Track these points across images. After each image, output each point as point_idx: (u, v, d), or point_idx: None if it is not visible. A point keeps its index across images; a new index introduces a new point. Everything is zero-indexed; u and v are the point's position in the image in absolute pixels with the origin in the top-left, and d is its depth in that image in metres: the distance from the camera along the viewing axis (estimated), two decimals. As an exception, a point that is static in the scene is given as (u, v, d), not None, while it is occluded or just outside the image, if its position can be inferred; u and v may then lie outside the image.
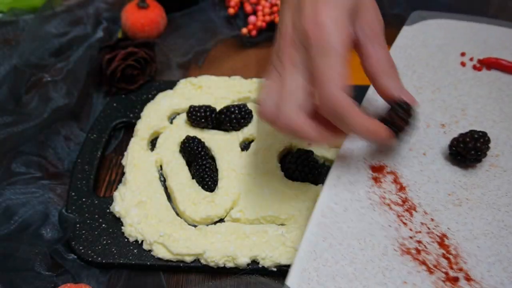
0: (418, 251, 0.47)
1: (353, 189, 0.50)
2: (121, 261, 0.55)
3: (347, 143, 0.53)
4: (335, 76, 0.44)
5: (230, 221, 0.58)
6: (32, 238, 0.57)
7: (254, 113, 0.69)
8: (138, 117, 0.69)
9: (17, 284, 0.52)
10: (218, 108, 0.68)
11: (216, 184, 0.61)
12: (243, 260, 0.54)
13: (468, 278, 0.45)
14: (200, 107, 0.67)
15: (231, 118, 0.66)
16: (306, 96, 0.46)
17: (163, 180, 0.63)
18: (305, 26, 0.45)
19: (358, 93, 0.71)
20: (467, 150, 0.52)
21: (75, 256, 0.56)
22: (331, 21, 0.44)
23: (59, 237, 0.58)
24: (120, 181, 0.63)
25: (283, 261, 0.54)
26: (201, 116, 0.66)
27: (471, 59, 0.64)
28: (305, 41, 0.45)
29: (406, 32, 0.66)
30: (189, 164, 0.64)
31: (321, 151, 0.64)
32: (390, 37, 0.81)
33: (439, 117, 0.58)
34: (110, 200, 0.60)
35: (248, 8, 0.83)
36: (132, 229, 0.57)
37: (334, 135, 0.47)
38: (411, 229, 0.48)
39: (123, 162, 0.64)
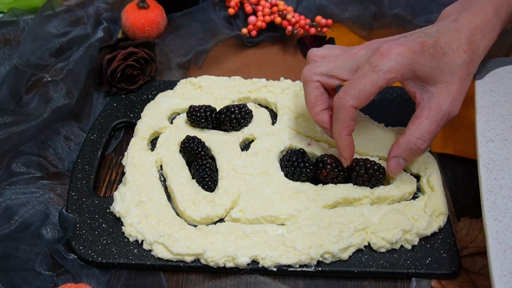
0: None
1: None
2: (121, 261, 0.55)
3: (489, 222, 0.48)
4: (356, 94, 0.53)
5: (230, 221, 0.58)
6: (32, 238, 0.57)
7: (254, 113, 0.69)
8: (138, 117, 0.69)
9: (18, 284, 0.52)
10: (218, 108, 0.68)
11: (216, 184, 0.61)
12: (243, 260, 0.54)
13: None
14: (200, 107, 0.67)
15: (231, 118, 0.66)
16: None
17: (163, 180, 0.63)
18: (380, 47, 0.54)
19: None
20: None
21: (75, 256, 0.56)
22: (396, 56, 0.53)
23: (59, 237, 0.58)
24: (120, 181, 0.63)
25: (283, 261, 0.54)
26: (201, 116, 0.66)
27: None
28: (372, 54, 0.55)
29: (482, 88, 0.60)
30: (189, 164, 0.64)
31: (318, 150, 0.64)
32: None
33: None
34: (110, 200, 0.60)
35: (248, 8, 0.83)
36: (132, 229, 0.57)
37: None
38: None
39: (123, 162, 0.64)
